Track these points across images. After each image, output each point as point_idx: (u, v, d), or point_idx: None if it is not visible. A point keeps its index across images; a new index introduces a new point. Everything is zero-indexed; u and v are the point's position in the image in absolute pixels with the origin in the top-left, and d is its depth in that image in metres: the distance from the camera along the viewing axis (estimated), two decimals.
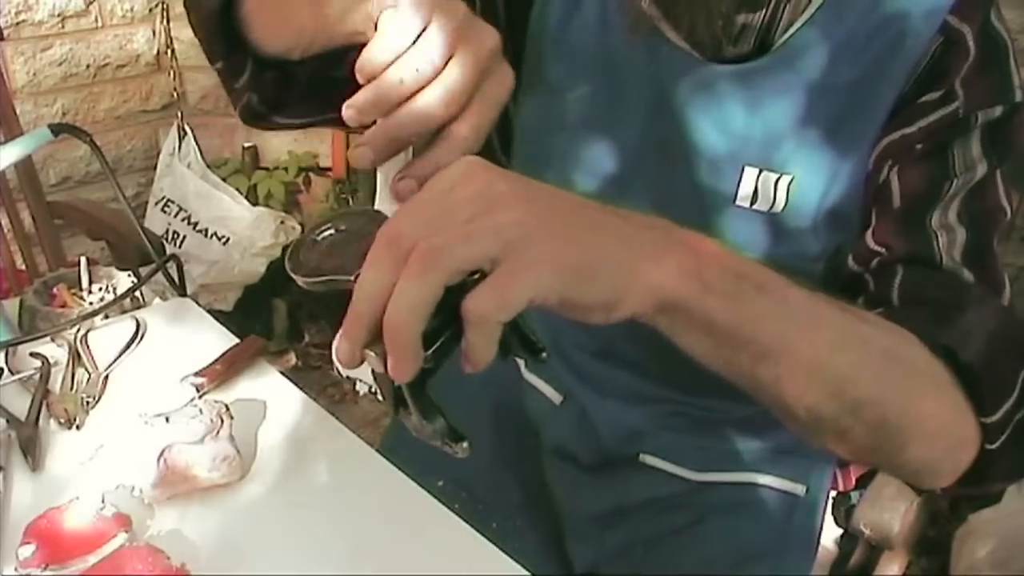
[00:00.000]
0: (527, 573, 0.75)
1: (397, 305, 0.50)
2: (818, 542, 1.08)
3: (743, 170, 0.83)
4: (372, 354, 0.52)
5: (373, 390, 0.66)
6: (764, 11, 0.81)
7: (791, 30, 0.80)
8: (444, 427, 0.55)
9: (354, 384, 2.49)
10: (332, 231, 0.62)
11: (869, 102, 0.80)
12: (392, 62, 0.61)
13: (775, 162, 0.82)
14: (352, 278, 0.56)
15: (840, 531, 1.16)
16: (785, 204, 0.83)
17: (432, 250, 0.50)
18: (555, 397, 1.04)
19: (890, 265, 0.78)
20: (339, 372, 0.67)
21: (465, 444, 0.55)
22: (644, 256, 0.55)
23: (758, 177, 0.83)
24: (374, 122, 0.63)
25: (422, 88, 0.61)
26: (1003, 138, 0.79)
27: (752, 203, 0.84)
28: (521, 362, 1.05)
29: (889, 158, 0.80)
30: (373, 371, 0.54)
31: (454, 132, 0.63)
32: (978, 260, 0.77)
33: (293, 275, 0.60)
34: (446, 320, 0.51)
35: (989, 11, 0.79)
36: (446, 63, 0.61)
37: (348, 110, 0.62)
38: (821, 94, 0.80)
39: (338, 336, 0.53)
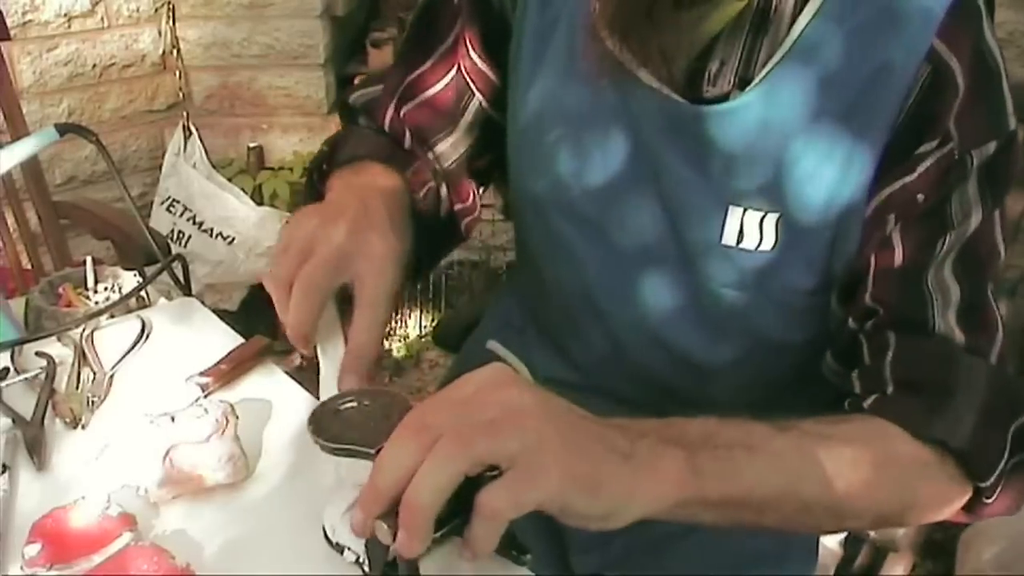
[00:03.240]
0: (531, 574, 0.75)
1: (419, 486, 0.55)
2: (818, 543, 1.08)
3: (728, 209, 0.82)
4: (384, 527, 0.56)
5: (361, 560, 0.71)
6: (742, 47, 0.80)
7: (769, 65, 0.79)
8: None
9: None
10: (354, 404, 0.68)
11: (857, 135, 0.78)
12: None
13: (761, 200, 0.81)
14: (373, 451, 0.61)
15: (845, 533, 1.16)
16: (776, 241, 0.82)
17: (459, 439, 0.55)
18: None
19: (884, 330, 0.79)
20: (329, 540, 0.72)
21: None
22: (643, 471, 0.61)
23: (743, 216, 0.82)
24: None
25: None
26: (998, 175, 0.78)
27: (739, 242, 0.83)
28: (529, 378, 1.06)
29: (892, 211, 0.79)
30: (369, 540, 0.60)
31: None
32: (971, 317, 0.78)
33: (314, 437, 0.65)
34: (454, 509, 0.56)
35: (981, 29, 0.76)
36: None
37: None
38: (805, 128, 0.79)
39: (355, 506, 0.58)
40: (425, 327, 2.73)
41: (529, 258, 1.03)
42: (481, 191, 1.06)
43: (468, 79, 0.97)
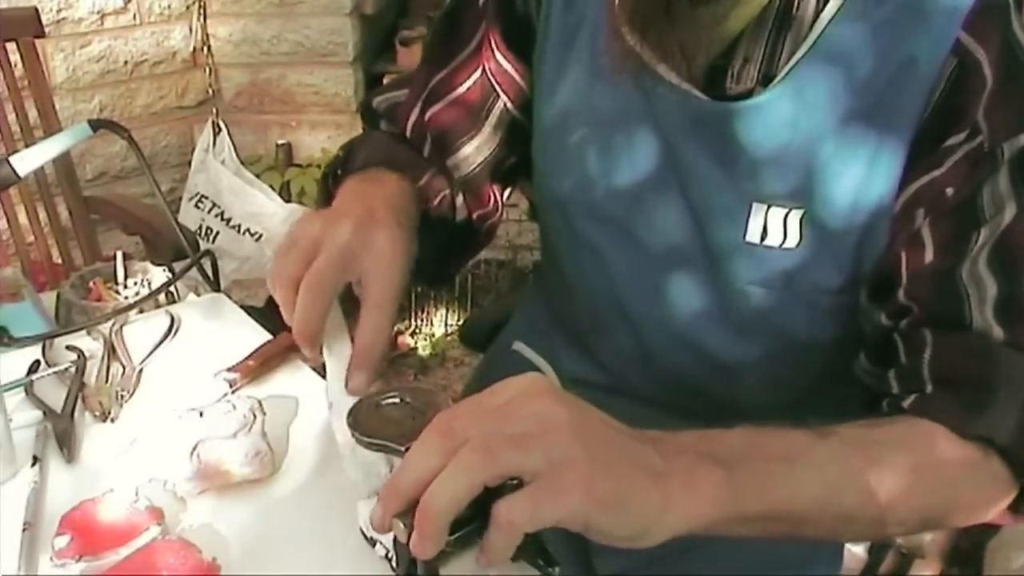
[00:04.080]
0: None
1: (437, 491, 0.55)
2: (843, 546, 1.07)
3: (751, 207, 0.82)
4: (400, 525, 0.57)
5: (390, 555, 0.73)
6: (764, 44, 0.79)
7: (792, 62, 0.78)
8: None
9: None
10: (397, 400, 0.69)
11: (883, 131, 0.77)
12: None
13: (785, 197, 0.80)
14: (403, 449, 0.63)
15: None
16: (800, 239, 0.81)
17: (484, 449, 0.55)
18: None
19: (919, 328, 0.77)
20: (363, 533, 0.75)
21: None
22: (677, 491, 0.59)
23: (767, 213, 0.81)
24: None
25: None
26: None
27: (763, 239, 0.82)
28: (555, 380, 1.06)
29: (921, 206, 0.77)
30: (395, 538, 0.59)
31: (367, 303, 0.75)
32: (1008, 311, 0.76)
33: (351, 430, 0.67)
34: (475, 512, 0.56)
35: (1009, 22, 0.74)
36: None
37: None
38: (829, 125, 0.78)
39: (376, 502, 0.58)
40: (451, 326, 2.73)
41: (554, 260, 1.03)
42: (506, 195, 1.06)
43: (493, 81, 0.97)
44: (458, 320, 2.73)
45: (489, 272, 2.84)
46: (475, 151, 0.99)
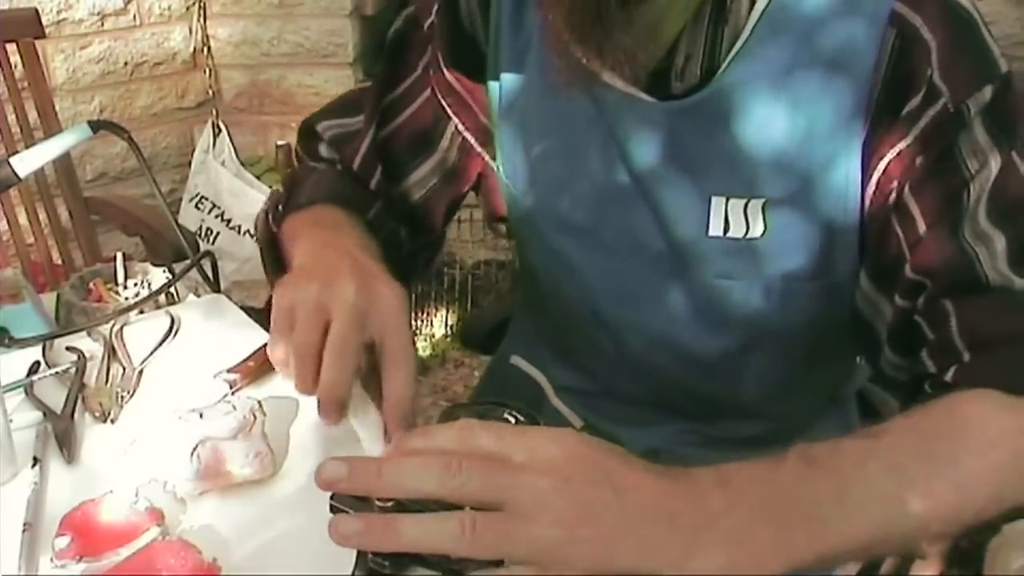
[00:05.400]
0: None
1: (413, 531, 0.54)
2: None
3: (710, 201, 0.82)
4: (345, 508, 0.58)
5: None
6: (704, 41, 0.80)
7: (732, 52, 0.79)
8: None
9: None
10: (511, 421, 0.68)
11: (833, 112, 0.77)
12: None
13: (742, 188, 0.81)
14: None
15: None
16: (764, 228, 0.81)
17: (473, 531, 0.52)
18: (576, 422, 1.05)
19: (938, 300, 0.75)
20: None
21: None
22: (717, 551, 0.55)
23: (726, 205, 0.82)
24: None
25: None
26: (1005, 116, 0.75)
27: (725, 231, 0.82)
28: (550, 389, 1.07)
29: (896, 179, 0.77)
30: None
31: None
32: (1023, 260, 0.75)
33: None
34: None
35: None
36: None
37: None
38: (778, 110, 0.78)
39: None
40: (451, 326, 2.73)
41: (532, 273, 1.04)
42: (446, 223, 1.07)
43: (444, 102, 0.97)
44: (458, 321, 2.73)
45: (489, 272, 2.84)
46: (428, 174, 1.00)
